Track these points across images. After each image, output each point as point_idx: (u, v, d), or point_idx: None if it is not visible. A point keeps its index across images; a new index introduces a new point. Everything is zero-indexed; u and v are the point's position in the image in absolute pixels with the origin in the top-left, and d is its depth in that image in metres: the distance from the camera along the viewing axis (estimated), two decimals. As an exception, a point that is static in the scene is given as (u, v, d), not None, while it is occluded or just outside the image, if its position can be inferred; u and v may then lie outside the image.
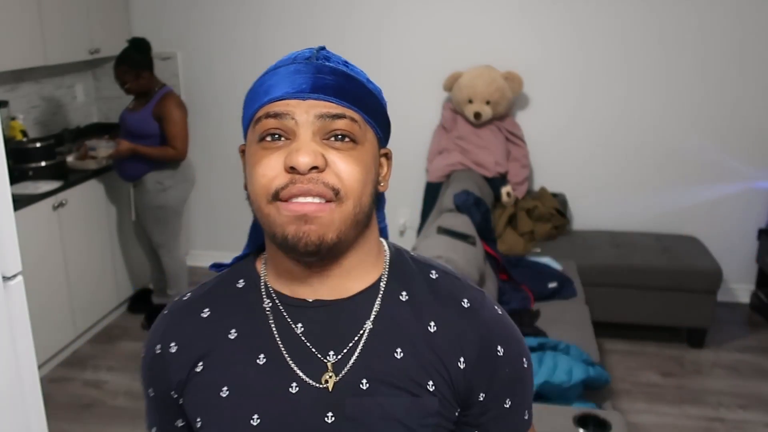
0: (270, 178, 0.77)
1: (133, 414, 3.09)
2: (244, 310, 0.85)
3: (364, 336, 0.81)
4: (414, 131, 4.30)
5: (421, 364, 0.81)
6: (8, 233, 1.89)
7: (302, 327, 0.82)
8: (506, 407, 0.86)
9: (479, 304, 0.85)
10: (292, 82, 0.79)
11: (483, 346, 0.83)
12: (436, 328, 0.82)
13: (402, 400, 0.79)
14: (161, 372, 0.87)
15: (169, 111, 3.48)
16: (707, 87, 3.95)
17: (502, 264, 3.38)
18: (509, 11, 4.03)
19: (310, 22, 4.23)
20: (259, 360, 0.82)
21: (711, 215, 4.13)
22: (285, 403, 0.80)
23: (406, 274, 0.86)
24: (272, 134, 0.79)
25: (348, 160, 0.78)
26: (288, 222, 0.76)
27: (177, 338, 0.86)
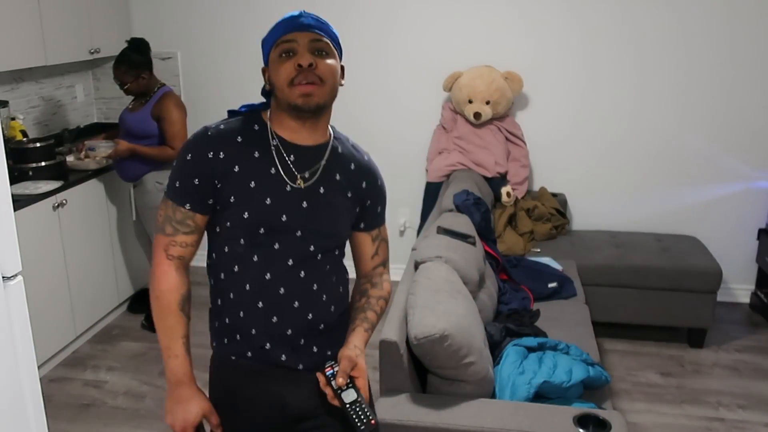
0: (288, 72, 1.38)
1: (133, 414, 3.09)
2: (261, 142, 1.45)
3: (321, 166, 1.48)
4: (414, 131, 4.30)
5: (346, 183, 1.51)
6: (8, 233, 1.89)
7: (293, 158, 1.46)
8: (378, 211, 1.60)
9: (369, 159, 1.59)
10: (295, 25, 1.41)
11: (372, 179, 1.57)
12: (353, 167, 1.53)
13: (336, 197, 1.48)
14: (211, 168, 1.41)
15: (168, 111, 3.48)
16: (707, 87, 3.95)
17: (502, 264, 3.38)
18: (509, 11, 4.03)
19: (310, 22, 4.23)
20: (272, 171, 1.44)
21: (711, 215, 4.13)
22: (283, 194, 1.43)
23: (339, 138, 1.55)
24: (286, 51, 1.40)
25: (326, 63, 1.42)
26: (299, 96, 1.39)
27: (223, 150, 1.42)
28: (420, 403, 2.09)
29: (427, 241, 2.81)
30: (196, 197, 1.43)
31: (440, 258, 2.61)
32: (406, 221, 4.48)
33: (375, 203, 1.57)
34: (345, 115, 4.35)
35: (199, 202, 1.43)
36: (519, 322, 2.87)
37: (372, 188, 1.56)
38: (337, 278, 1.54)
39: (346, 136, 1.59)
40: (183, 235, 1.45)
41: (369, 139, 4.36)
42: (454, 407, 2.08)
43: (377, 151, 4.33)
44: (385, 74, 4.26)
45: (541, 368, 2.31)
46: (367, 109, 4.33)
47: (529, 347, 2.48)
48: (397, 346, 2.10)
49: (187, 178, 1.42)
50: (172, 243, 1.46)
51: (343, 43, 1.58)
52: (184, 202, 1.43)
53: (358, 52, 4.24)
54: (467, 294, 2.49)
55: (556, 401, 2.25)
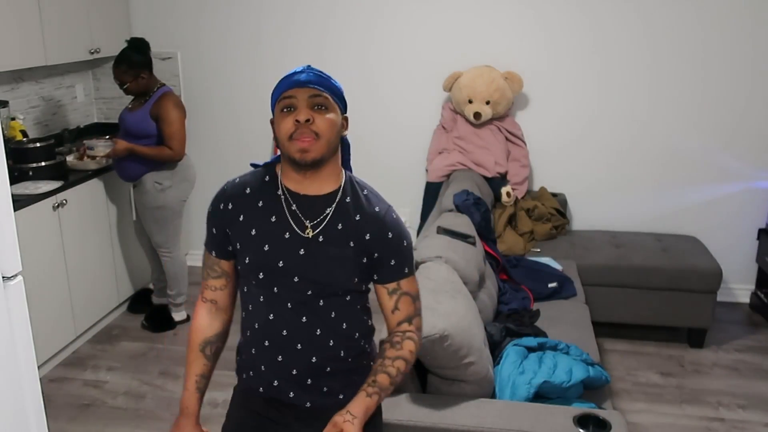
0: (288, 128, 1.46)
1: (133, 414, 3.09)
2: (267, 192, 1.54)
3: (327, 216, 1.52)
4: (414, 131, 4.30)
5: (350, 234, 1.52)
6: (8, 233, 1.89)
7: (295, 206, 1.52)
8: (392, 264, 1.56)
9: (383, 212, 1.55)
10: (295, 82, 1.48)
11: (380, 231, 1.53)
12: (359, 218, 1.53)
13: (336, 248, 1.50)
14: (221, 219, 1.56)
15: (167, 111, 3.48)
16: (707, 87, 3.95)
17: (502, 264, 3.38)
18: (509, 11, 4.03)
19: (310, 23, 4.24)
20: (272, 219, 1.52)
21: (711, 215, 4.13)
22: (281, 241, 1.51)
23: (352, 188, 1.56)
24: (287, 107, 1.47)
25: (323, 118, 1.47)
26: (297, 150, 1.46)
27: (233, 201, 1.55)
28: (420, 403, 2.09)
29: (427, 241, 2.81)
30: (217, 245, 1.59)
31: (440, 258, 2.61)
32: (406, 221, 4.48)
33: (385, 256, 1.54)
34: (345, 115, 4.36)
35: (220, 249, 1.59)
36: (519, 322, 2.87)
37: (378, 240, 1.52)
38: (348, 325, 1.55)
39: (363, 184, 1.59)
40: (213, 279, 1.62)
41: (369, 138, 4.37)
42: (454, 407, 2.08)
43: (377, 151, 4.36)
44: (385, 74, 4.26)
45: (541, 368, 2.31)
46: (368, 110, 4.33)
47: (529, 347, 2.48)
48: (397, 346, 2.10)
49: (210, 229, 1.60)
50: (206, 287, 1.64)
51: (343, 43, 1.67)
52: (211, 250, 1.61)
53: (359, 53, 4.24)
54: (467, 294, 2.49)
55: (556, 401, 2.25)
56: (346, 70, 4.28)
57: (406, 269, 1.57)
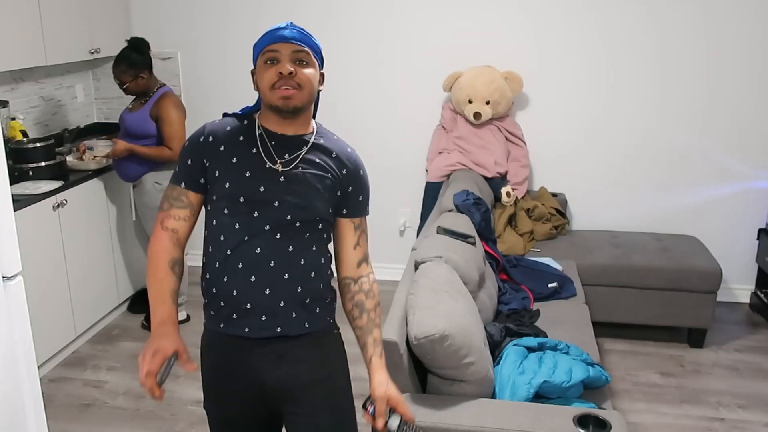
0: (271, 78, 1.56)
1: (133, 414, 3.09)
2: (247, 130, 1.65)
3: (302, 153, 1.63)
4: (414, 131, 4.30)
5: (326, 166, 1.64)
6: (8, 233, 1.89)
7: (274, 142, 1.63)
8: (359, 200, 1.70)
9: (354, 152, 1.71)
10: (279, 36, 1.57)
11: (353, 167, 1.68)
12: (335, 156, 1.66)
13: (314, 175, 1.62)
14: (201, 149, 1.63)
15: (167, 111, 3.48)
16: (707, 87, 3.95)
17: (502, 264, 3.38)
18: (509, 11, 4.03)
19: (310, 23, 4.23)
20: (253, 151, 1.62)
21: (711, 215, 4.13)
22: (262, 170, 1.60)
23: (324, 133, 1.69)
24: (271, 59, 1.58)
25: (305, 72, 1.58)
26: (279, 98, 1.57)
27: (213, 135, 1.64)
28: (420, 403, 2.09)
29: (427, 241, 2.81)
30: (189, 176, 1.64)
31: (440, 258, 2.61)
32: (406, 221, 4.48)
33: (357, 191, 1.68)
34: (345, 115, 4.36)
35: (191, 180, 1.64)
36: (519, 322, 2.87)
37: (353, 176, 1.67)
38: (317, 248, 1.64)
39: (332, 132, 1.73)
40: (177, 209, 1.65)
41: (369, 138, 4.37)
42: (454, 407, 2.08)
43: (377, 151, 4.36)
44: (385, 74, 4.26)
45: (541, 368, 2.31)
46: (368, 109, 4.33)
47: (529, 347, 2.48)
48: (397, 346, 2.10)
49: (183, 161, 1.65)
50: (167, 216, 1.64)
51: (343, 43, 1.70)
52: (180, 182, 1.65)
53: (359, 52, 4.24)
54: (467, 294, 2.49)
55: (556, 401, 2.25)
56: (345, 70, 4.28)
57: (367, 208, 1.74)
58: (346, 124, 4.36)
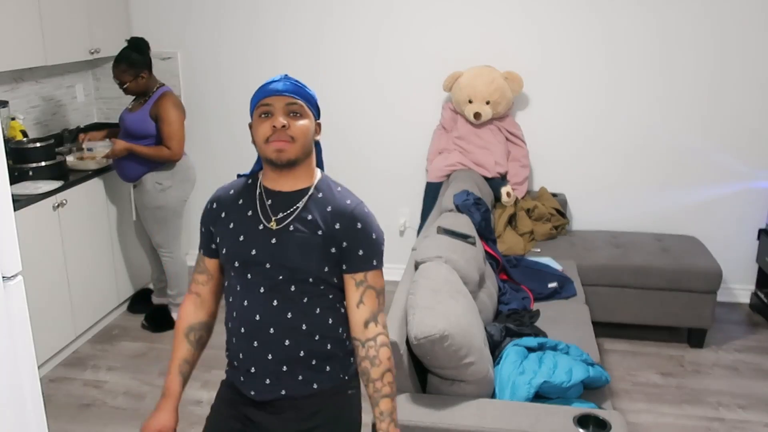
0: (265, 132, 1.58)
1: (133, 414, 3.09)
2: (248, 192, 1.68)
3: (299, 208, 1.62)
4: (414, 131, 4.30)
5: (318, 223, 1.60)
6: (8, 233, 1.89)
7: (270, 201, 1.64)
8: (360, 254, 1.62)
9: (354, 205, 1.63)
10: (273, 90, 1.60)
11: (349, 221, 1.61)
12: (330, 210, 1.62)
13: (305, 235, 1.59)
14: (208, 217, 1.71)
15: (166, 111, 3.48)
16: (707, 87, 3.95)
17: (502, 264, 3.38)
18: (510, 11, 4.03)
19: (310, 24, 4.24)
20: (248, 213, 1.64)
21: (711, 215, 4.13)
22: (255, 232, 1.62)
23: (326, 185, 1.67)
24: (265, 113, 1.59)
25: (298, 124, 1.59)
26: (273, 151, 1.58)
27: (217, 201, 1.71)
28: (420, 403, 2.09)
29: (427, 241, 2.81)
30: (204, 243, 1.75)
31: (440, 258, 2.61)
32: (406, 221, 4.48)
33: (354, 246, 1.60)
34: (345, 116, 4.36)
35: (206, 247, 1.74)
36: (519, 322, 2.87)
37: (348, 230, 1.60)
38: (322, 310, 1.62)
39: (337, 183, 1.70)
40: (197, 274, 1.77)
41: (369, 138, 4.37)
42: (454, 407, 2.08)
43: (377, 151, 4.36)
44: (385, 74, 4.26)
45: (541, 368, 2.31)
46: (368, 109, 4.33)
47: (529, 347, 2.48)
48: (397, 346, 2.10)
49: (200, 229, 1.76)
50: (193, 280, 1.77)
51: (343, 43, 1.69)
52: (200, 248, 1.77)
53: (358, 52, 4.24)
54: (467, 294, 2.49)
55: (556, 401, 2.25)
56: (345, 71, 4.28)
57: (374, 261, 1.64)
58: (346, 124, 4.37)
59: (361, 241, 1.61)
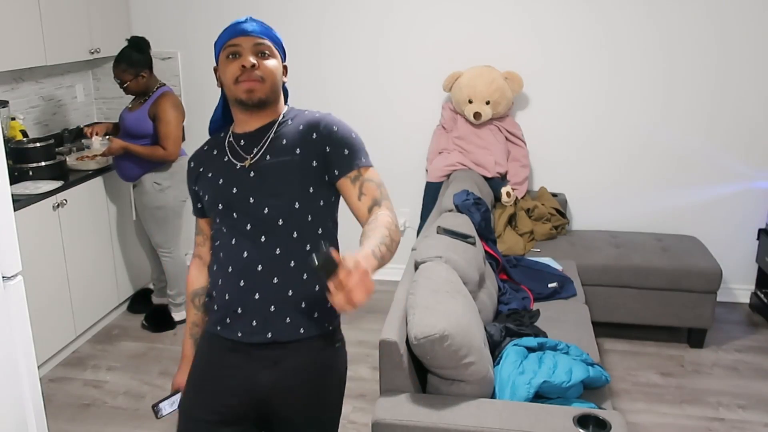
0: (234, 72, 1.58)
1: (133, 414, 3.09)
2: (221, 142, 1.70)
3: (269, 138, 1.62)
4: (414, 131, 4.30)
5: (294, 143, 1.60)
6: (8, 233, 1.89)
7: (243, 142, 1.65)
8: (346, 153, 1.60)
9: (324, 114, 1.65)
10: (240, 30, 1.59)
11: (324, 128, 1.61)
12: (302, 128, 1.62)
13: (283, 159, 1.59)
14: (189, 178, 1.74)
15: (164, 111, 3.48)
16: (707, 87, 3.95)
17: (502, 264, 3.38)
18: (509, 11, 4.03)
19: (310, 23, 4.24)
20: (224, 159, 1.65)
21: (711, 215, 4.13)
22: (233, 173, 1.62)
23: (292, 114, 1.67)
24: (233, 54, 1.59)
25: (267, 64, 1.59)
26: (243, 91, 1.58)
27: (194, 160, 1.73)
28: (420, 403, 2.09)
29: (427, 241, 2.81)
30: (194, 205, 1.79)
31: (440, 258, 2.61)
32: (406, 221, 4.48)
33: (337, 148, 1.59)
34: (345, 115, 4.35)
35: (196, 208, 1.78)
36: (519, 322, 2.87)
37: (326, 136, 1.59)
38: (312, 247, 1.59)
39: (305, 109, 1.69)
40: (197, 236, 1.81)
41: (369, 138, 4.35)
42: (454, 407, 2.08)
43: (377, 151, 4.35)
44: (385, 74, 4.26)
45: (541, 368, 2.31)
46: (367, 109, 4.33)
47: (529, 347, 2.48)
48: (397, 346, 2.10)
49: (190, 192, 1.79)
50: (195, 244, 1.82)
51: (343, 43, 1.69)
52: (193, 211, 1.80)
53: (359, 52, 4.24)
54: (467, 294, 2.49)
55: (556, 401, 2.25)
56: (345, 70, 4.28)
57: (362, 158, 1.62)
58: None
59: (342, 141, 1.60)
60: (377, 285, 1.64)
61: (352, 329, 3.72)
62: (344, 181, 1.60)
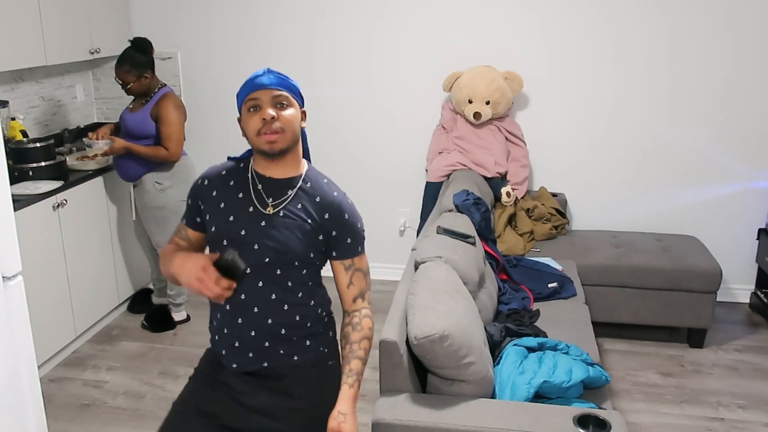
0: (256, 125, 1.66)
1: (133, 414, 3.09)
2: (239, 175, 1.76)
3: (290, 197, 1.71)
4: (414, 131, 4.30)
5: (308, 212, 1.70)
6: (8, 233, 1.89)
7: (261, 186, 1.73)
8: (348, 242, 1.75)
9: (340, 197, 1.75)
10: (258, 84, 1.68)
11: (337, 212, 1.73)
12: (318, 200, 1.72)
13: (295, 222, 1.69)
14: (197, 192, 1.78)
15: (166, 111, 3.48)
16: (707, 87, 3.95)
17: (502, 264, 3.38)
18: (509, 11, 4.03)
19: (309, 23, 4.24)
20: (239, 195, 1.72)
21: (711, 215, 4.13)
22: (245, 214, 1.70)
23: (313, 176, 1.77)
24: (253, 107, 1.68)
25: (285, 114, 1.68)
26: (265, 143, 1.66)
27: (209, 179, 1.78)
28: (420, 403, 2.09)
29: (427, 241, 2.81)
30: (189, 215, 1.82)
31: (440, 258, 2.61)
32: (406, 221, 4.48)
33: (342, 234, 1.74)
34: (345, 115, 4.36)
35: (190, 219, 1.82)
36: (519, 322, 2.87)
37: (336, 220, 1.72)
38: (304, 293, 1.73)
39: (323, 175, 1.81)
40: (179, 239, 1.85)
41: (369, 138, 4.37)
42: (454, 407, 2.08)
43: (377, 151, 4.36)
44: (384, 74, 4.26)
45: (541, 368, 2.31)
46: (367, 109, 4.33)
47: (529, 347, 2.48)
48: (397, 346, 2.10)
49: (187, 201, 1.82)
50: (172, 240, 1.85)
51: (342, 43, 1.67)
52: (183, 218, 1.84)
53: (359, 53, 4.24)
54: (467, 294, 2.49)
55: (556, 401, 2.25)
56: (345, 70, 4.28)
57: (359, 248, 1.79)
58: (345, 124, 4.37)
59: (348, 230, 1.74)
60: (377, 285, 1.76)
61: (352, 329, 3.73)
62: (339, 264, 1.77)
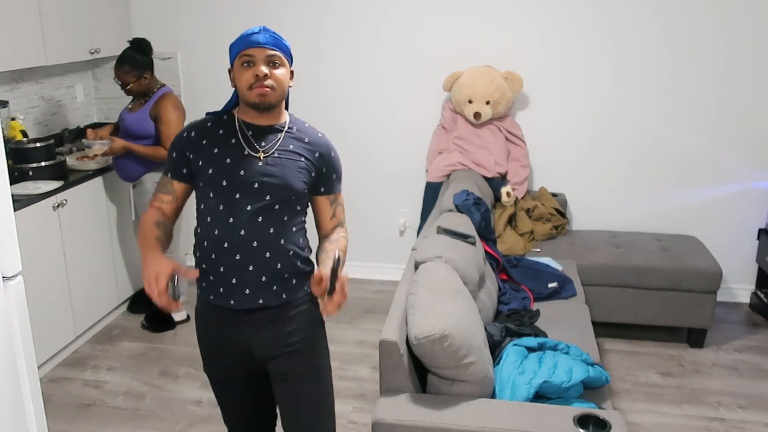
0: (248, 80, 1.77)
1: (133, 414, 3.09)
2: (227, 124, 1.86)
3: (280, 140, 1.84)
4: (414, 131, 4.30)
5: (301, 151, 1.85)
6: (8, 233, 1.89)
7: (251, 133, 1.83)
8: (334, 178, 1.93)
9: (325, 138, 1.92)
10: (254, 41, 1.77)
11: (326, 151, 1.90)
12: (307, 141, 1.88)
13: (290, 160, 1.82)
14: (184, 144, 1.85)
15: (165, 111, 3.48)
16: (707, 87, 3.95)
17: (502, 264, 3.38)
18: (509, 11, 4.03)
19: (310, 23, 4.24)
20: (232, 141, 1.82)
21: (711, 215, 4.13)
22: (241, 156, 1.80)
23: (296, 122, 1.90)
24: (247, 62, 1.78)
25: (277, 72, 1.79)
26: (256, 96, 1.77)
27: (195, 130, 1.86)
28: (420, 403, 2.09)
29: (427, 241, 2.81)
30: (174, 168, 1.87)
31: (440, 258, 2.61)
32: (406, 221, 4.48)
33: (330, 171, 1.91)
34: (345, 115, 4.36)
35: (176, 171, 1.87)
36: (519, 322, 2.87)
37: (326, 158, 1.90)
38: (297, 228, 1.86)
39: (303, 120, 1.94)
40: (162, 194, 1.88)
41: (369, 138, 4.37)
42: (454, 407, 2.08)
43: (377, 151, 4.36)
44: (385, 74, 4.26)
45: (541, 368, 2.31)
46: (367, 109, 4.33)
47: (529, 347, 2.48)
48: (397, 346, 2.10)
49: (169, 155, 1.89)
50: (155, 199, 1.88)
51: (343, 43, 1.68)
52: (167, 172, 1.89)
53: (358, 52, 4.24)
54: (467, 294, 2.49)
55: (556, 401, 2.25)
56: (346, 70, 4.28)
57: (340, 185, 1.97)
58: (346, 124, 4.36)
59: (335, 167, 1.93)
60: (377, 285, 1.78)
61: (353, 329, 3.71)
62: (324, 199, 1.93)
